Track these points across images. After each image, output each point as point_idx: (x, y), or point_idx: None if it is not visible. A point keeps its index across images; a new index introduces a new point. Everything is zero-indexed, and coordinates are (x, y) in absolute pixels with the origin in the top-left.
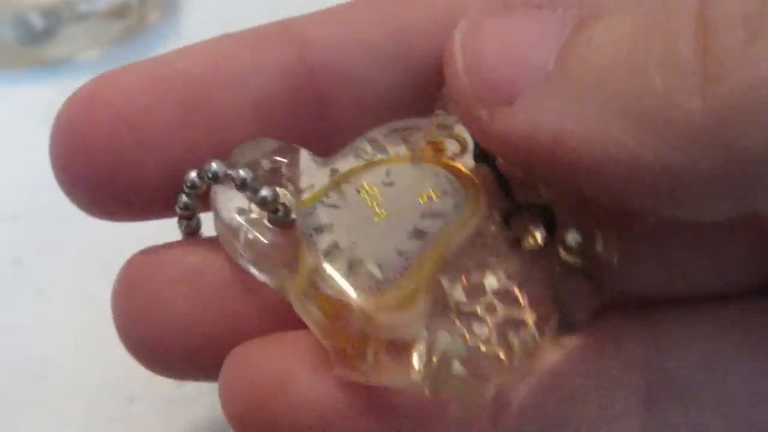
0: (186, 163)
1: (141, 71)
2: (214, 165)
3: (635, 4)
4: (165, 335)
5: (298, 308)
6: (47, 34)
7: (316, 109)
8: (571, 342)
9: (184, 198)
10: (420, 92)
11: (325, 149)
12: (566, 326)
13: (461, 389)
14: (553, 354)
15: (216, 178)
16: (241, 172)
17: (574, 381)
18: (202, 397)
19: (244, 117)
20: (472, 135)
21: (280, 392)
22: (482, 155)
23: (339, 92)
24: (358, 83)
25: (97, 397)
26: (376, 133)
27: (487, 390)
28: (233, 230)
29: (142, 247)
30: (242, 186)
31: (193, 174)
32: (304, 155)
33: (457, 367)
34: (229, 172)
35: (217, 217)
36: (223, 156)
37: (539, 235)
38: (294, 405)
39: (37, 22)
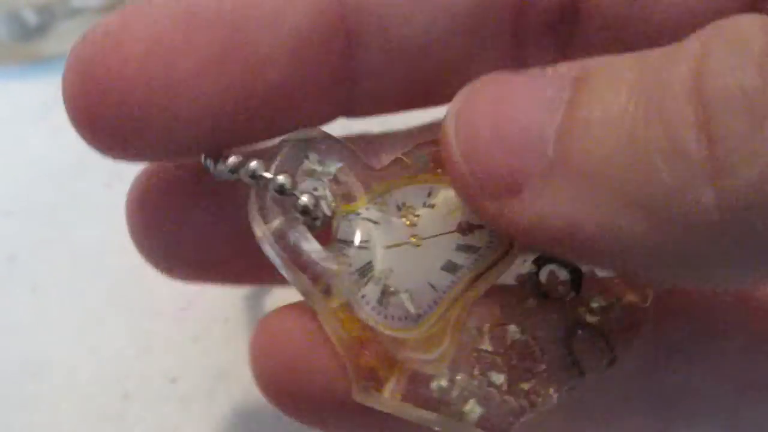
0: (219, 105)
1: (171, 5)
2: (281, 178)
3: (627, 66)
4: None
5: (325, 323)
6: (41, 30)
7: (345, 49)
8: None
9: (231, 166)
10: (450, 34)
11: (352, 91)
12: (575, 382)
13: None
14: None
15: (282, 192)
16: (304, 198)
17: None
18: (196, 394)
19: (280, 57)
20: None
21: (308, 360)
22: None
23: (368, 32)
24: (386, 23)
25: (92, 394)
26: (426, 148)
27: None
28: (276, 232)
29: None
30: (304, 212)
31: (254, 163)
32: (352, 157)
33: (471, 410)
34: (293, 192)
35: (262, 218)
36: (260, 102)
37: (567, 296)
38: (321, 372)
39: (31, 18)
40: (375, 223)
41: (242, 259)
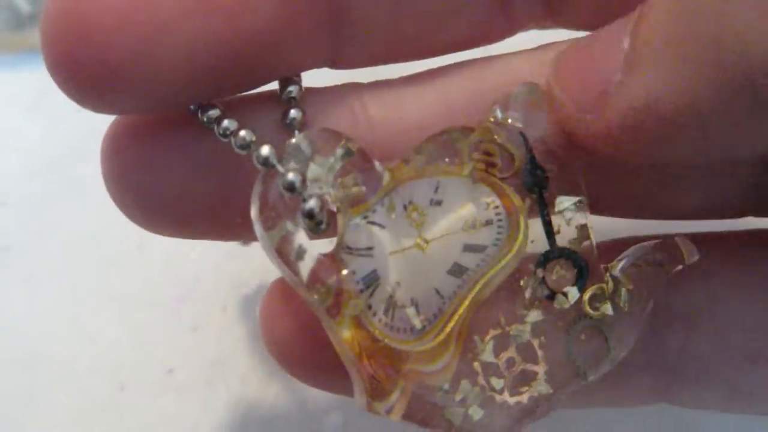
0: (203, 50)
1: None
2: (291, 176)
3: None
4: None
5: (329, 333)
6: (33, 19)
7: None
8: None
9: (242, 135)
10: None
11: (338, 40)
12: (576, 384)
13: None
14: None
15: (291, 190)
16: (311, 202)
17: None
18: (193, 384)
19: (264, 1)
20: (576, 142)
21: (316, 323)
22: (534, 183)
23: None
24: None
25: (87, 385)
26: (435, 139)
27: None
28: (278, 241)
29: (131, 235)
30: (309, 216)
31: (266, 149)
32: (361, 155)
33: (474, 413)
34: (301, 192)
35: (263, 223)
36: (243, 48)
37: (572, 296)
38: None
39: (24, 7)
40: (380, 226)
41: (221, 215)
